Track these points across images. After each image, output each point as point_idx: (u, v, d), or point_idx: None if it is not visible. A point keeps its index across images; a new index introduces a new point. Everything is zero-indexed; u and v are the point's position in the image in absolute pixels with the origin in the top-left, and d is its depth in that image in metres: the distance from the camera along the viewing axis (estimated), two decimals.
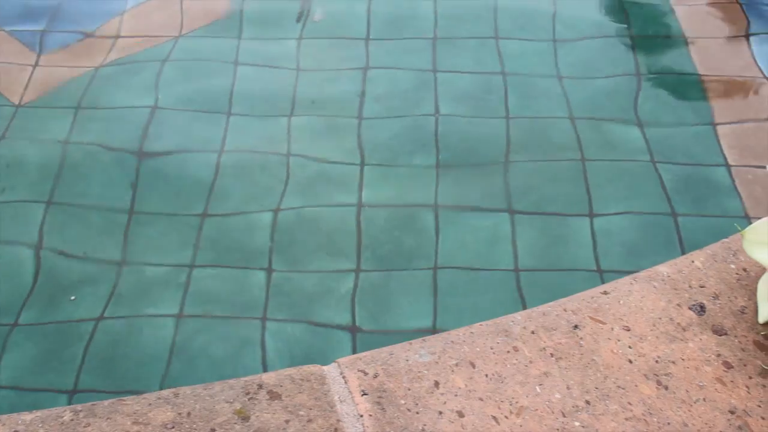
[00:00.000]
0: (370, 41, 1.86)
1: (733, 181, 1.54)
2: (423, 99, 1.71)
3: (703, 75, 1.75)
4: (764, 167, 1.40)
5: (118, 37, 1.85)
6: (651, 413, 0.81)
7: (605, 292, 0.91)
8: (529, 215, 1.49)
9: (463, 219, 1.49)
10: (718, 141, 1.61)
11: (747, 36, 1.85)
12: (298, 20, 1.92)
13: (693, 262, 0.95)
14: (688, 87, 1.74)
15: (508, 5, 1.95)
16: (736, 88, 1.75)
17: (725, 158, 1.58)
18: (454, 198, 1.53)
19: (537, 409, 0.80)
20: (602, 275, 1.39)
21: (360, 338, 1.32)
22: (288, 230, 1.47)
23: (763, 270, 0.89)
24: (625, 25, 1.88)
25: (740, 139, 1.63)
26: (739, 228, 0.88)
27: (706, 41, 1.84)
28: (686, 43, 1.83)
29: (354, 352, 1.29)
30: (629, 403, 0.81)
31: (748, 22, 1.87)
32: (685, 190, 1.52)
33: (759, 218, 0.87)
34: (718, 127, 1.64)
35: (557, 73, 1.77)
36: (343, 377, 0.84)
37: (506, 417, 0.80)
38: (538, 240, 1.45)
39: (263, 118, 1.67)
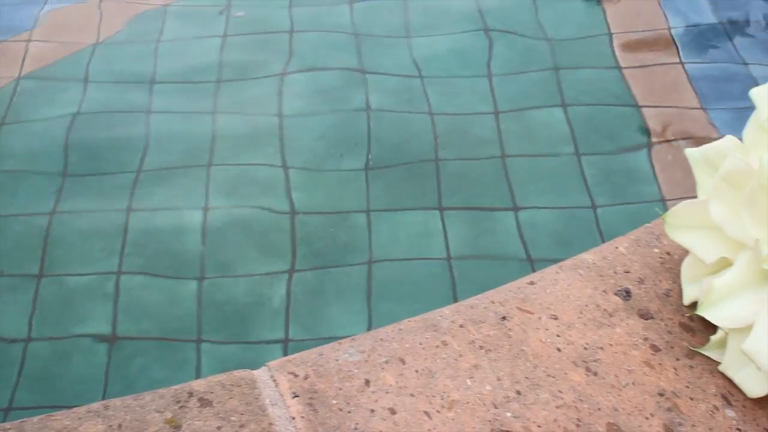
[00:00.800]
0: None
1: (653, 165, 1.56)
2: (351, 96, 1.71)
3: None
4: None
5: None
6: (581, 400, 0.81)
7: (532, 282, 0.91)
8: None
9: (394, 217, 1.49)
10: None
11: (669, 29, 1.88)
12: (221, 13, 1.91)
13: (617, 248, 0.96)
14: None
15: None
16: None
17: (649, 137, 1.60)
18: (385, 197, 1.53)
19: (468, 402, 0.80)
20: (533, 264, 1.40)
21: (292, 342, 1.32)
22: (218, 233, 1.46)
23: (686, 253, 0.90)
24: None
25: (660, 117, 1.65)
26: (661, 212, 0.89)
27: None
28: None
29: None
30: (559, 391, 0.82)
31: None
32: (606, 175, 1.54)
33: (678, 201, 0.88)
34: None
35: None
36: (274, 380, 0.83)
37: (438, 411, 0.80)
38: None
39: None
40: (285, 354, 1.29)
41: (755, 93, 0.84)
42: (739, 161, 0.80)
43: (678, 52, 1.82)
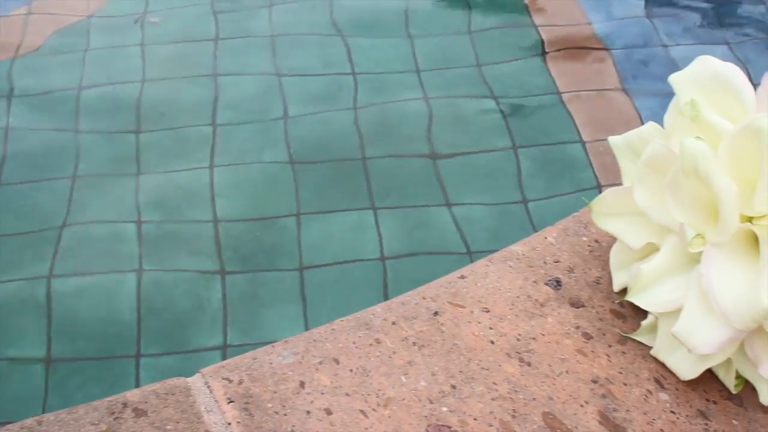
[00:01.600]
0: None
1: (587, 152, 1.57)
2: (273, 100, 1.71)
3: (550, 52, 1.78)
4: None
5: None
6: (516, 391, 0.81)
7: (462, 276, 0.91)
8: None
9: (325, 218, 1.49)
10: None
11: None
12: (135, 22, 1.89)
13: (546, 238, 0.96)
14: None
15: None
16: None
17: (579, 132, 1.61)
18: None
19: (404, 399, 0.80)
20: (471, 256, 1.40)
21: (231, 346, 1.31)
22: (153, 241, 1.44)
23: (614, 240, 0.91)
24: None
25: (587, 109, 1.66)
26: (587, 201, 0.90)
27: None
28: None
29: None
30: (494, 383, 0.82)
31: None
32: (541, 165, 1.55)
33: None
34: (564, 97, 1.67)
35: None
36: (208, 387, 0.82)
37: (374, 410, 0.79)
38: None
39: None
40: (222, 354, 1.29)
41: (674, 78, 0.85)
42: (661, 147, 0.81)
43: (601, 41, 1.84)
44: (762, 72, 0.84)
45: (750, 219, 0.78)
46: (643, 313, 0.87)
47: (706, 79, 0.83)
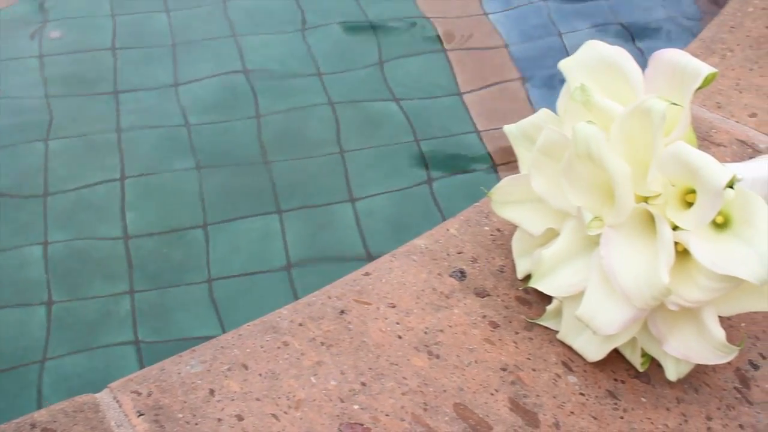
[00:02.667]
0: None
1: (484, 144, 1.58)
2: (172, 107, 1.69)
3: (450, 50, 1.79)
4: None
5: None
6: (426, 384, 0.82)
7: (367, 273, 0.91)
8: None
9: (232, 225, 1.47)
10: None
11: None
12: (32, 38, 1.86)
13: (448, 230, 0.96)
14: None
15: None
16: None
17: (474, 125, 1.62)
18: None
19: (315, 400, 0.80)
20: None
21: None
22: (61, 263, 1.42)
23: (515, 228, 0.91)
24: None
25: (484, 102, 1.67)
26: (485, 190, 0.90)
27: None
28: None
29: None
30: (404, 378, 0.82)
31: None
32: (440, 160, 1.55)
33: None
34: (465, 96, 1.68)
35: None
36: (117, 401, 0.81)
37: (285, 413, 0.79)
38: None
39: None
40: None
41: (563, 64, 0.86)
42: (554, 133, 0.82)
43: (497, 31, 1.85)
44: None
45: (645, 199, 0.79)
46: (548, 299, 0.87)
47: (595, 63, 0.84)
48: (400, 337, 0.85)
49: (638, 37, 1.79)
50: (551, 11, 1.89)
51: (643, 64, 0.83)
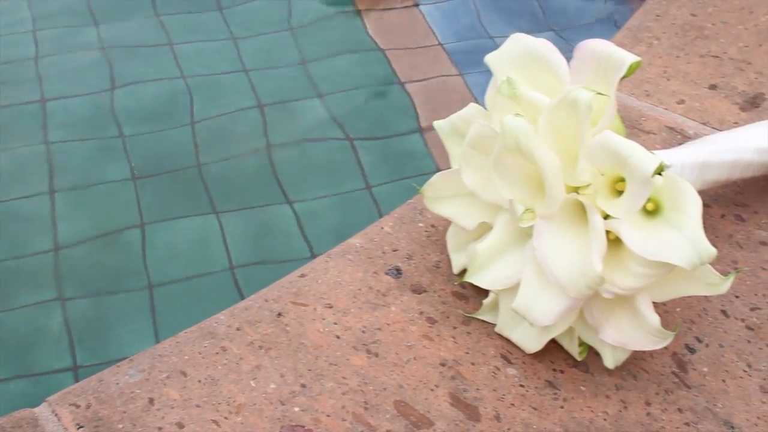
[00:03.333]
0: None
1: (425, 141, 1.58)
2: (105, 115, 1.67)
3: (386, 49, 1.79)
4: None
5: None
6: (366, 382, 0.82)
7: (303, 275, 0.91)
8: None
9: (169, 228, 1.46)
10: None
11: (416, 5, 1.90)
12: None
13: (383, 228, 0.96)
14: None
15: None
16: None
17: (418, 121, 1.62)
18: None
19: (255, 404, 0.80)
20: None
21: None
22: None
23: (449, 223, 0.92)
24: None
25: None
26: (417, 187, 0.90)
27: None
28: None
29: None
30: (344, 378, 0.82)
31: None
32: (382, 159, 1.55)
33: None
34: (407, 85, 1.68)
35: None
36: (56, 415, 0.81)
37: (226, 418, 0.79)
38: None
39: None
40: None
41: (489, 58, 0.86)
42: (483, 127, 0.82)
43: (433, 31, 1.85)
44: None
45: (576, 189, 0.80)
46: (484, 293, 0.88)
47: (521, 56, 0.85)
48: (338, 337, 0.85)
49: (566, 29, 1.80)
50: (480, 9, 1.90)
51: (570, 55, 0.84)
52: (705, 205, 0.76)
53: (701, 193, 0.82)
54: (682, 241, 0.75)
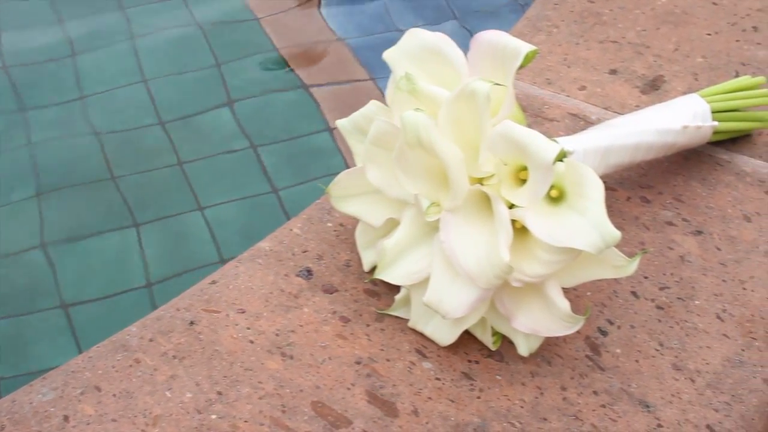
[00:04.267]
0: None
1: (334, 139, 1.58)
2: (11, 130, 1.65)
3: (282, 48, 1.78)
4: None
5: None
6: (282, 385, 0.81)
7: (213, 282, 0.91)
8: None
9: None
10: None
11: (318, 4, 1.90)
12: None
13: (291, 230, 0.96)
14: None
15: None
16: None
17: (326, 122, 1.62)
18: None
19: (171, 414, 0.79)
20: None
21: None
22: None
23: (357, 221, 0.92)
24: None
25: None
26: (323, 186, 0.90)
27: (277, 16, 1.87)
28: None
29: None
30: (260, 382, 0.82)
31: None
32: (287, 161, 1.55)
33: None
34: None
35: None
36: None
37: (143, 431, 0.78)
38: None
39: None
40: None
41: (387, 55, 0.86)
42: (384, 123, 0.82)
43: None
44: None
45: (480, 180, 0.81)
46: (396, 289, 0.88)
47: (418, 50, 0.85)
48: (252, 342, 0.85)
49: (470, 20, 1.81)
50: (388, 5, 1.90)
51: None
52: (610, 189, 0.78)
53: (606, 177, 0.84)
54: (585, 225, 0.76)
